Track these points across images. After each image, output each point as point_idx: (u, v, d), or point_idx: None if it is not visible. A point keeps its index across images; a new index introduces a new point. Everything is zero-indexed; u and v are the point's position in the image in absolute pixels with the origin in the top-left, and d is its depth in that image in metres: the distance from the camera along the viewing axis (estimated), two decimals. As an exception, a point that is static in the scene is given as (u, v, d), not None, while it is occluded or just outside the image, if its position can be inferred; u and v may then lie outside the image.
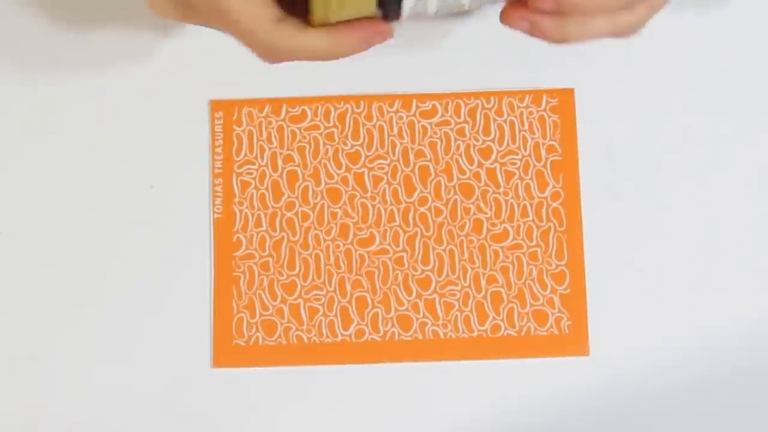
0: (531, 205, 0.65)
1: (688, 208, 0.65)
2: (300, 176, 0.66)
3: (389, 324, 0.64)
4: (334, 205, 0.65)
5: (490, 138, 0.66)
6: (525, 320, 0.64)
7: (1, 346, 0.65)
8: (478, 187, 0.65)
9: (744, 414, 0.63)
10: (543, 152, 0.65)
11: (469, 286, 0.64)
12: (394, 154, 0.66)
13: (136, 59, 0.66)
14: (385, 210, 0.65)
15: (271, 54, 0.53)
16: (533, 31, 0.53)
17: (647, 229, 0.65)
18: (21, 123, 0.66)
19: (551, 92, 0.66)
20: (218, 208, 0.65)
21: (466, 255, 0.65)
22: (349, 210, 0.65)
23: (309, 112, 0.66)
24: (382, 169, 0.66)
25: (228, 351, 0.64)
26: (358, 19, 0.52)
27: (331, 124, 0.66)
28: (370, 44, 0.53)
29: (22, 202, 0.66)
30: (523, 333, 0.64)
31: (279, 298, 0.65)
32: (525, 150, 0.66)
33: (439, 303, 0.64)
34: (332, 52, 0.53)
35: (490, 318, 0.64)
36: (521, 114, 0.66)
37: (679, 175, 0.65)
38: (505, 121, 0.66)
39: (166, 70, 0.65)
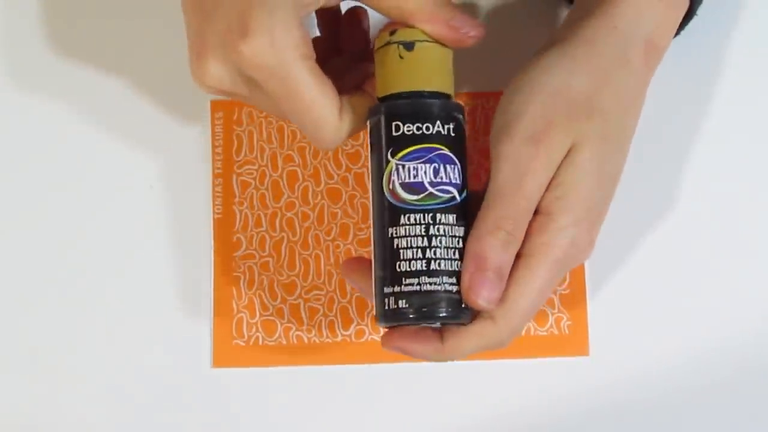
0: (531, 205, 0.65)
1: (688, 208, 0.65)
2: (300, 176, 0.65)
3: (389, 324, 0.64)
4: (334, 205, 0.65)
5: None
6: (525, 320, 0.64)
7: (1, 346, 0.65)
8: (478, 187, 0.65)
9: (744, 414, 0.63)
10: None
11: (469, 286, 0.64)
12: (394, 154, 0.65)
13: (136, 59, 0.66)
14: (385, 210, 0.65)
15: (326, 145, 0.54)
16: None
17: (647, 230, 0.64)
18: (21, 123, 0.66)
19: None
20: (218, 208, 0.65)
21: (466, 255, 0.64)
22: (349, 210, 0.65)
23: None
24: (382, 169, 0.65)
25: (228, 351, 0.64)
26: None
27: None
28: None
29: (22, 203, 0.66)
30: (522, 333, 0.64)
31: (279, 298, 0.65)
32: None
33: (439, 303, 0.64)
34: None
35: (490, 318, 0.64)
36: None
37: (679, 176, 0.65)
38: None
39: (167, 70, 0.65)
